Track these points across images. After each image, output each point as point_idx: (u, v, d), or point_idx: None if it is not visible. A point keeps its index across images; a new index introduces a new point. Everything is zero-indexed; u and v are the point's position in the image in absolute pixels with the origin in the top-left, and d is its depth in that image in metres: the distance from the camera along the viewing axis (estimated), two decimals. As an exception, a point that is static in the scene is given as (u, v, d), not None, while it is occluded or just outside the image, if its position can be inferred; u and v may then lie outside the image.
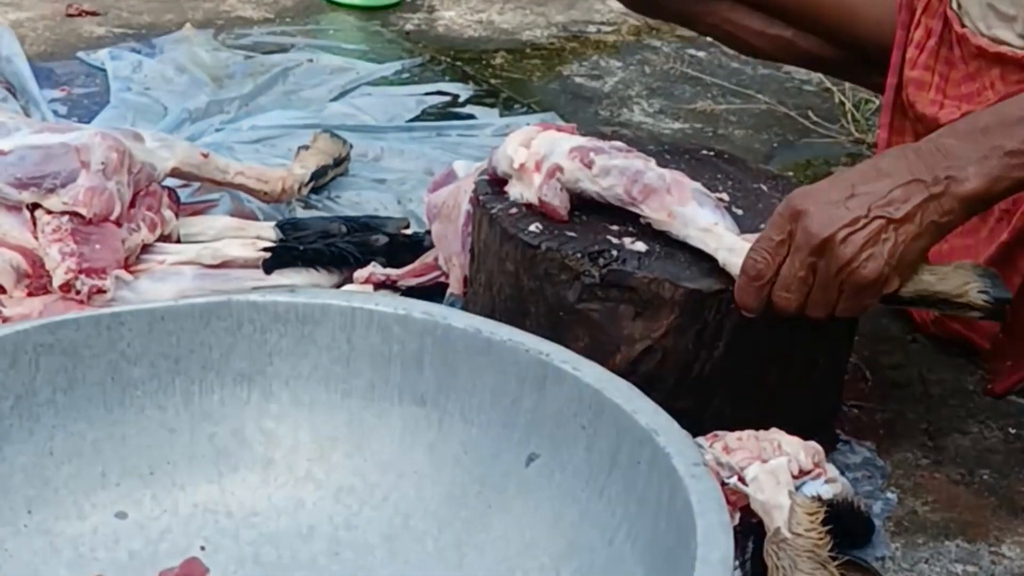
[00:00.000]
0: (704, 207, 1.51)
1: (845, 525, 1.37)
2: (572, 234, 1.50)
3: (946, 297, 1.42)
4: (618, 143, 1.59)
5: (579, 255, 1.47)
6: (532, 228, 1.51)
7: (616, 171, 1.53)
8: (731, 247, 1.46)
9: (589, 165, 1.53)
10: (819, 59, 2.05)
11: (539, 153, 1.56)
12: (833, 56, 2.03)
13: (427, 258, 1.80)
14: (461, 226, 1.68)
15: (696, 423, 1.44)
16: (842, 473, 1.45)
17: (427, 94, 2.62)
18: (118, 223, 1.68)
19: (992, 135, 1.38)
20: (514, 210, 1.55)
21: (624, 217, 1.54)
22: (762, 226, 1.50)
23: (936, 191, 1.37)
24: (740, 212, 1.58)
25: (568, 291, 1.48)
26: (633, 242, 1.49)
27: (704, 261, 1.48)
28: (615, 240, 1.50)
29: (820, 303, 1.40)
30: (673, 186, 1.52)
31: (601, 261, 1.46)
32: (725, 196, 1.62)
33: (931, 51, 1.79)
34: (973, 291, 1.42)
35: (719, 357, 1.47)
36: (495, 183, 1.60)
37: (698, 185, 1.54)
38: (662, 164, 1.67)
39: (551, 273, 1.48)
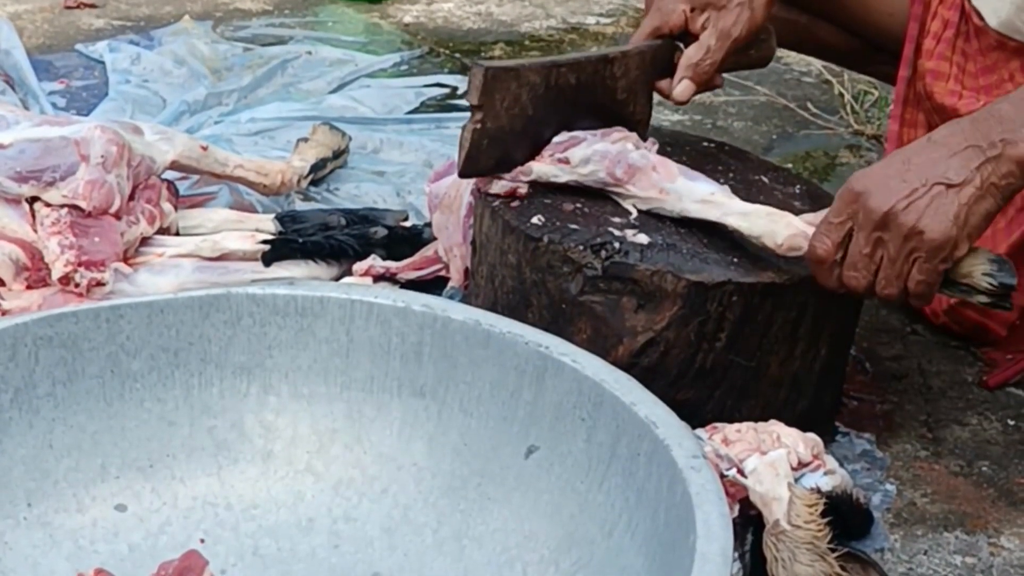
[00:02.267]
0: (696, 180, 1.52)
1: (844, 517, 1.37)
2: (574, 226, 1.50)
3: (953, 278, 1.43)
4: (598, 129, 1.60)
5: (581, 247, 1.47)
6: (534, 220, 1.51)
7: (597, 157, 1.54)
8: (742, 211, 1.47)
9: (566, 161, 1.54)
10: (831, 47, 2.06)
11: None
12: (845, 44, 2.03)
13: (427, 251, 1.80)
14: (463, 217, 1.68)
15: (698, 415, 1.45)
16: (841, 465, 1.45)
17: (426, 86, 2.63)
18: (117, 216, 1.68)
19: None
20: (516, 202, 1.55)
21: (625, 208, 1.55)
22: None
23: (992, 154, 1.38)
24: (740, 204, 1.58)
25: (570, 283, 1.48)
26: (635, 234, 1.49)
27: (706, 252, 1.48)
28: (617, 232, 1.50)
29: (892, 278, 1.41)
30: (658, 164, 1.53)
31: (603, 253, 1.46)
32: (727, 188, 1.62)
33: (948, 42, 1.79)
34: (978, 273, 1.43)
35: (721, 349, 1.47)
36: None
37: (680, 166, 1.55)
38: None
39: (553, 265, 1.48)
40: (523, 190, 1.56)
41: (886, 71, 1.97)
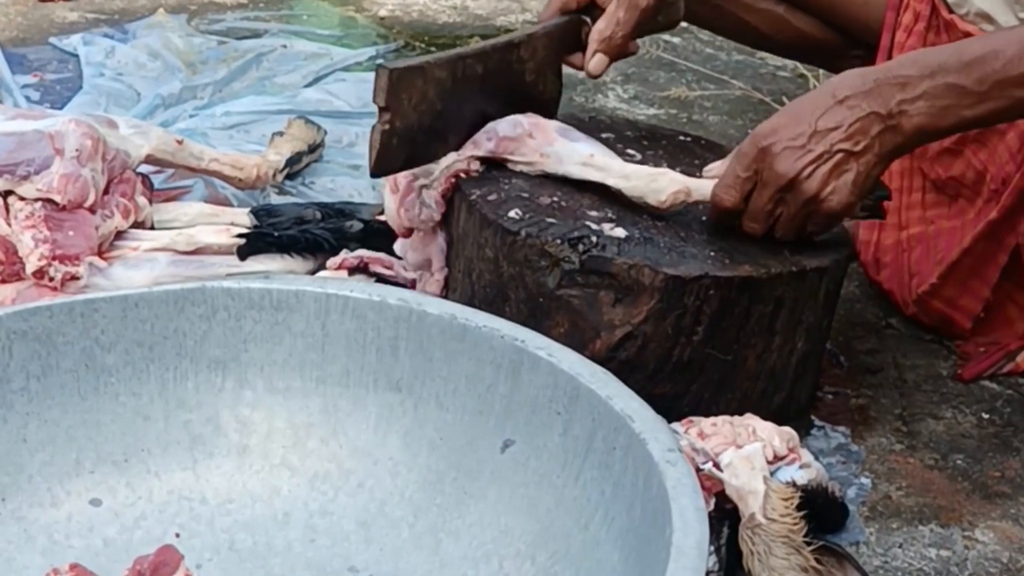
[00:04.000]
0: (576, 141, 1.56)
1: (819, 510, 1.37)
2: (552, 220, 1.50)
3: None
4: None
5: (559, 241, 1.47)
6: (512, 214, 1.51)
7: (470, 145, 1.58)
8: (622, 173, 1.54)
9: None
10: (808, 38, 2.06)
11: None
12: (822, 36, 2.04)
13: (401, 246, 1.80)
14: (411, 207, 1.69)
15: (675, 408, 1.45)
16: (816, 458, 1.46)
17: (401, 80, 2.62)
18: (92, 210, 1.67)
19: (948, 72, 1.44)
20: (493, 196, 1.55)
21: (604, 202, 1.55)
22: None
23: (891, 124, 1.45)
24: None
25: (548, 277, 1.48)
26: (613, 228, 1.49)
27: (683, 246, 1.48)
28: (594, 226, 1.50)
29: (788, 231, 1.50)
30: (533, 130, 1.57)
31: (581, 247, 1.46)
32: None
33: (919, 35, 1.81)
34: None
35: (698, 343, 1.47)
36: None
37: (559, 123, 1.60)
38: (639, 149, 1.69)
39: (531, 259, 1.48)
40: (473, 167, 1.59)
41: (861, 67, 1.98)
